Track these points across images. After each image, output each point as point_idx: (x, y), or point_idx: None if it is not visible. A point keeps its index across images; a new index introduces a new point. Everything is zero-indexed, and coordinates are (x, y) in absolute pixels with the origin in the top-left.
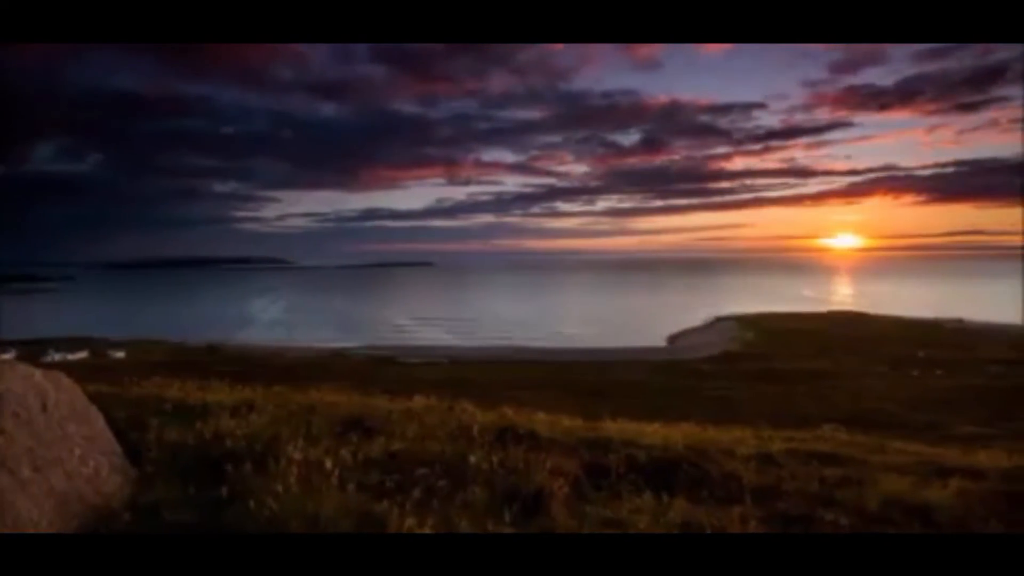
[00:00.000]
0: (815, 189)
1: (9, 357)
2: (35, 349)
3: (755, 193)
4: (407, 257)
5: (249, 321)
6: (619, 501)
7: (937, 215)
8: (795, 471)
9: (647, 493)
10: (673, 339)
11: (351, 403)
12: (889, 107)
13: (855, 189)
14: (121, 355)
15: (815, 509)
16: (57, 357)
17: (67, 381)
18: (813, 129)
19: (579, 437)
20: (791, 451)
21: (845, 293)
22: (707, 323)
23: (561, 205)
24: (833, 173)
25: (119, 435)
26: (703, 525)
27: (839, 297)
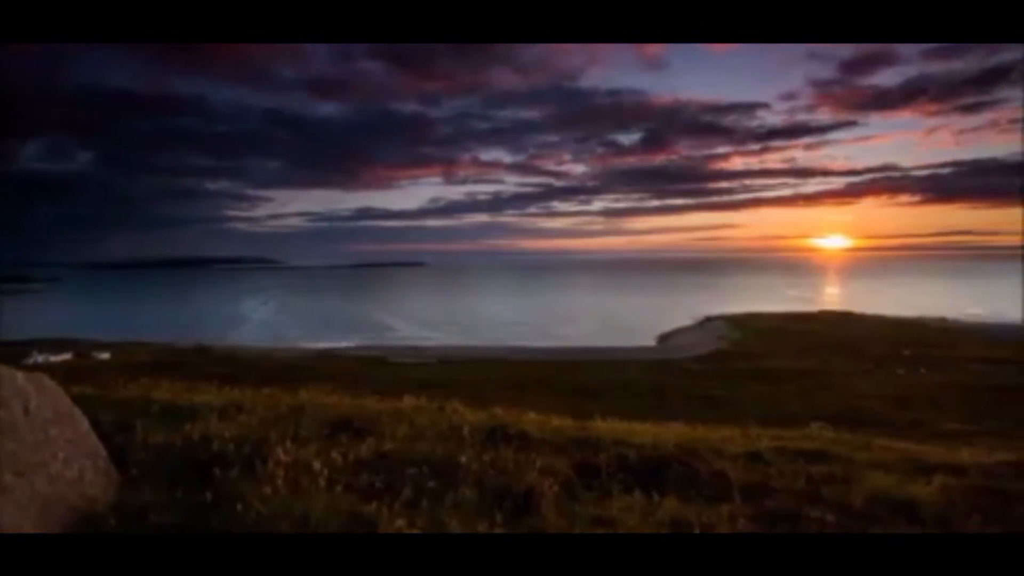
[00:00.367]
0: (812, 189)
1: None
2: (18, 351)
3: (752, 193)
4: (400, 257)
5: (239, 322)
6: (609, 500)
7: (929, 215)
8: (783, 469)
9: (637, 492)
10: (663, 338)
11: (341, 404)
12: (892, 107)
13: (851, 189)
14: (106, 356)
15: (802, 506)
16: (40, 359)
17: (50, 383)
18: (815, 129)
19: (569, 437)
20: (779, 449)
21: (834, 292)
22: (697, 322)
23: (557, 205)
24: (831, 173)
25: (104, 438)
26: (692, 523)
27: (828, 296)
